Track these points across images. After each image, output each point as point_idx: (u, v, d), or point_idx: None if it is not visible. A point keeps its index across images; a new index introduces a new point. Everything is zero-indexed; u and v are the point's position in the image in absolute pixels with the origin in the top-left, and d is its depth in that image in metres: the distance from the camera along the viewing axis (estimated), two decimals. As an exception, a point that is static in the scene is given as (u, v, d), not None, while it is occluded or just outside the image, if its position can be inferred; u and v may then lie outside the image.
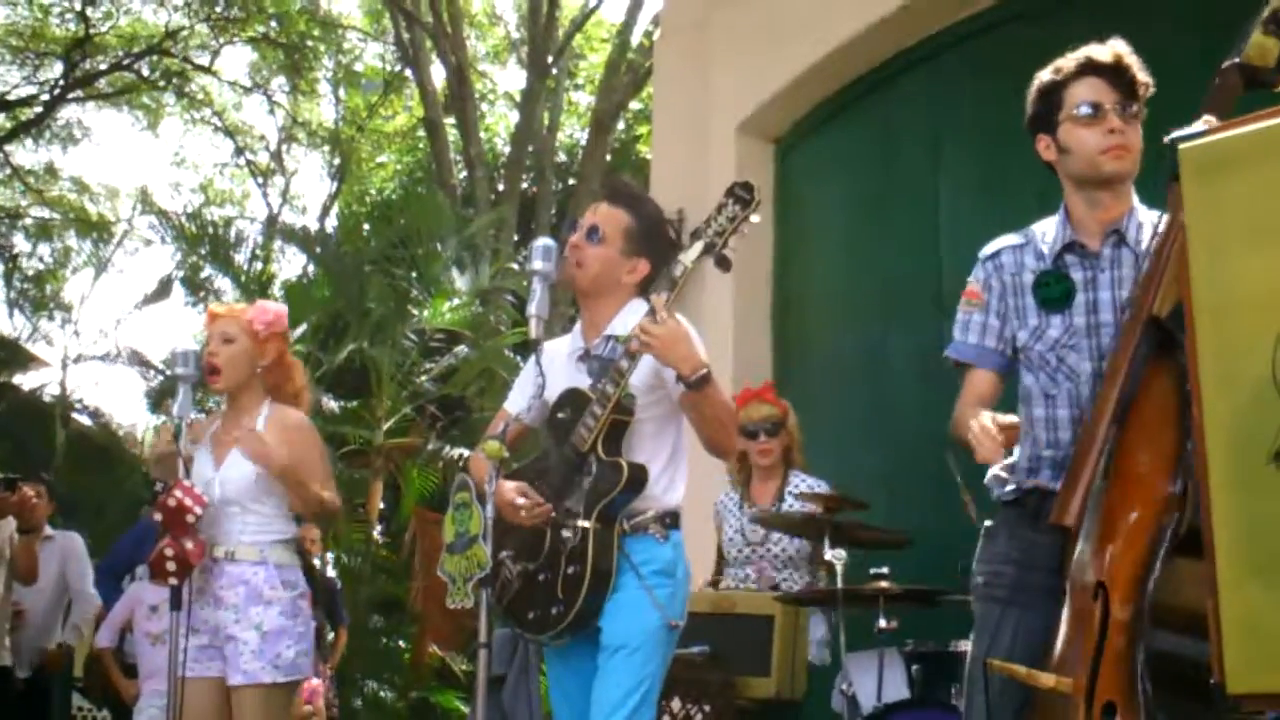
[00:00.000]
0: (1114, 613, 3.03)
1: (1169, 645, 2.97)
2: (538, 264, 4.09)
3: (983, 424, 3.34)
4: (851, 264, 8.02)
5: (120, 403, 40.70)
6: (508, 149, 22.35)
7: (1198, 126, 2.93)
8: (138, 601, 7.03)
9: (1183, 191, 2.85)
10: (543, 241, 4.15)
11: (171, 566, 4.74)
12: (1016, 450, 3.69)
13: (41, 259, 22.58)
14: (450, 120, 21.46)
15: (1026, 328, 3.59)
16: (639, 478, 4.03)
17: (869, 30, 7.70)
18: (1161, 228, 3.29)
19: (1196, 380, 2.79)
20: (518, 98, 22.58)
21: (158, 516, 4.79)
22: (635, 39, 20.46)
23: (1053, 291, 3.57)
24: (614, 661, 4.00)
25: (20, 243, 23.08)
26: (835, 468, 6.59)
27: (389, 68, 25.76)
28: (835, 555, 5.48)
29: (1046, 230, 3.65)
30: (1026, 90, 3.75)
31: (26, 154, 24.90)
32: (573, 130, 24.45)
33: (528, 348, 4.23)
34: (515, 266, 15.30)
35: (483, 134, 21.98)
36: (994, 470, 3.73)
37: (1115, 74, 3.56)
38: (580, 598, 3.98)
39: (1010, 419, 3.38)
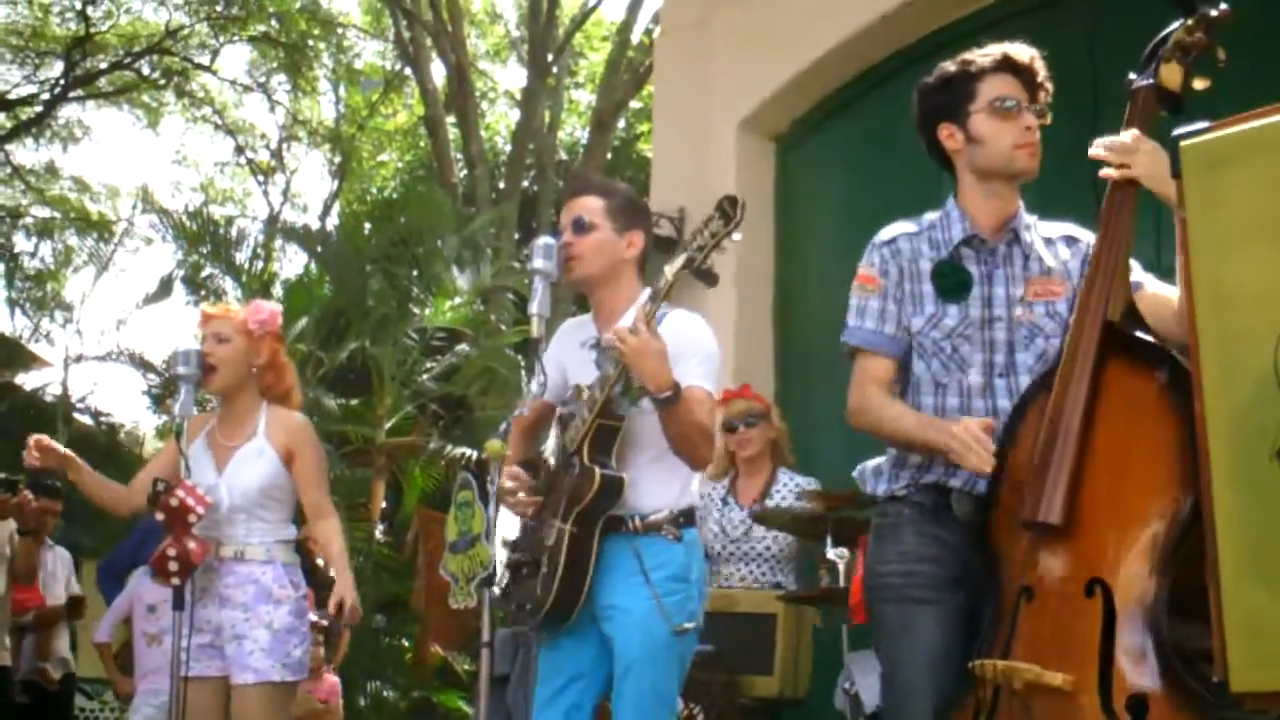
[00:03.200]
0: (1121, 608, 3.01)
1: (1192, 636, 2.94)
2: (539, 262, 4.10)
3: (970, 429, 3.29)
4: (852, 262, 7.98)
5: (122, 402, 40.71)
6: (508, 147, 22.35)
7: (1199, 124, 2.93)
8: (137, 599, 7.04)
9: (1184, 188, 2.86)
10: (544, 240, 4.16)
11: (174, 566, 4.75)
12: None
13: (42, 258, 22.61)
14: (451, 119, 21.45)
15: (922, 314, 3.57)
16: (611, 489, 4.01)
17: (869, 28, 7.70)
18: (1094, 237, 3.37)
19: (1198, 377, 2.79)
20: (518, 96, 22.58)
21: (159, 516, 4.79)
22: (635, 37, 20.44)
23: (950, 281, 3.57)
24: (628, 681, 4.02)
25: (21, 242, 23.11)
26: (836, 465, 6.58)
27: (389, 66, 25.74)
28: (837, 554, 5.48)
29: (936, 221, 3.66)
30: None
31: (27, 153, 24.94)
32: (573, 128, 24.46)
33: (529, 346, 4.23)
34: (516, 265, 15.27)
35: (483, 132, 21.98)
36: (871, 463, 3.71)
37: (1028, 76, 3.59)
38: (550, 598, 4.01)
39: (987, 421, 3.34)
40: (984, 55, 3.61)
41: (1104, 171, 3.32)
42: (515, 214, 19.38)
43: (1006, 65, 3.59)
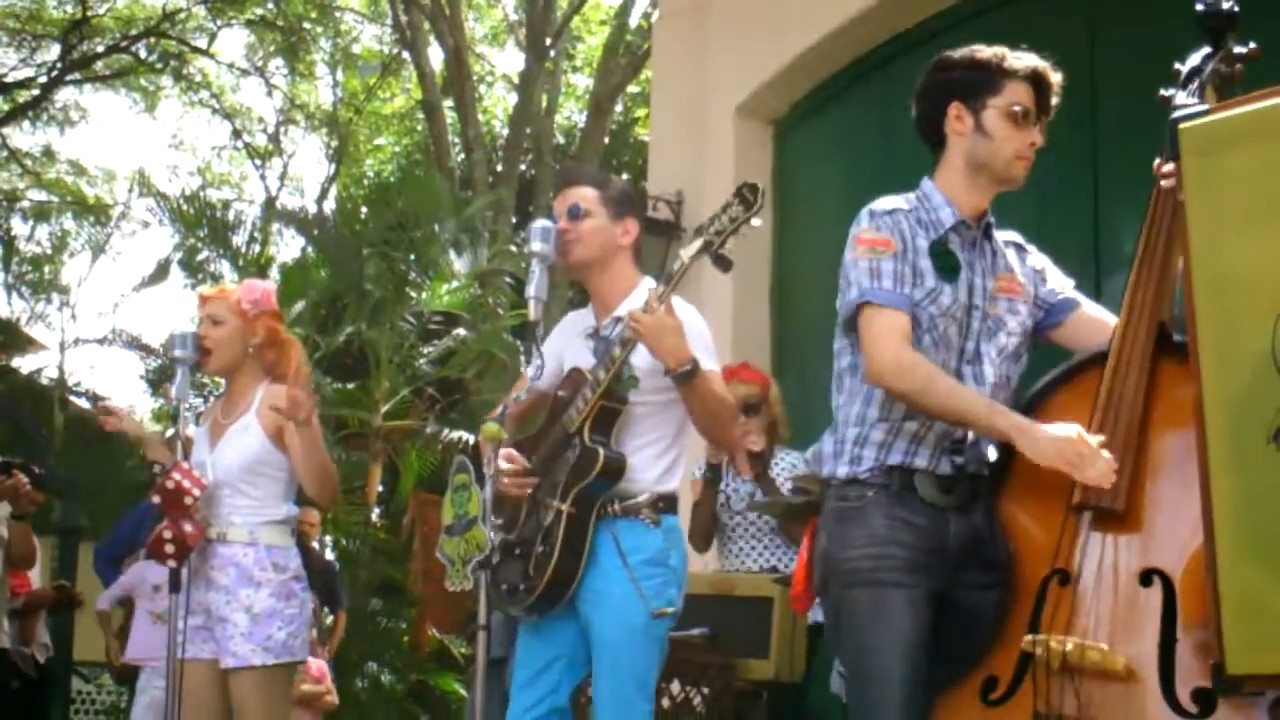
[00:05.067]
0: (1184, 602, 3.01)
1: None
2: (536, 246, 4.10)
3: (1087, 440, 3.20)
4: (850, 246, 8.01)
5: (118, 385, 40.60)
6: (506, 131, 22.31)
7: (1198, 107, 2.93)
8: (140, 580, 7.05)
9: (1183, 171, 2.86)
10: (541, 223, 4.16)
11: (170, 549, 4.74)
12: (849, 420, 3.65)
13: (39, 242, 22.57)
14: (448, 102, 21.41)
15: (923, 288, 3.52)
16: (615, 468, 4.04)
17: (867, 13, 7.69)
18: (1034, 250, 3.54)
19: (1196, 359, 2.79)
20: (516, 80, 22.53)
21: (156, 499, 4.79)
22: (634, 21, 20.42)
23: (947, 262, 3.56)
24: (604, 663, 4.05)
25: (18, 225, 23.05)
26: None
27: (387, 50, 25.70)
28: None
29: (917, 202, 3.63)
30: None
31: (24, 136, 24.88)
32: (571, 112, 24.42)
33: (527, 330, 4.25)
34: (513, 249, 15.26)
35: (481, 116, 21.93)
36: (825, 444, 3.69)
37: (1045, 95, 3.59)
38: (545, 579, 4.02)
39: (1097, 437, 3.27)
40: (1017, 58, 3.59)
41: None
42: (513, 198, 19.36)
43: (1034, 77, 3.58)
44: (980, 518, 3.48)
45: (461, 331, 15.23)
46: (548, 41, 21.12)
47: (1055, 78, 3.61)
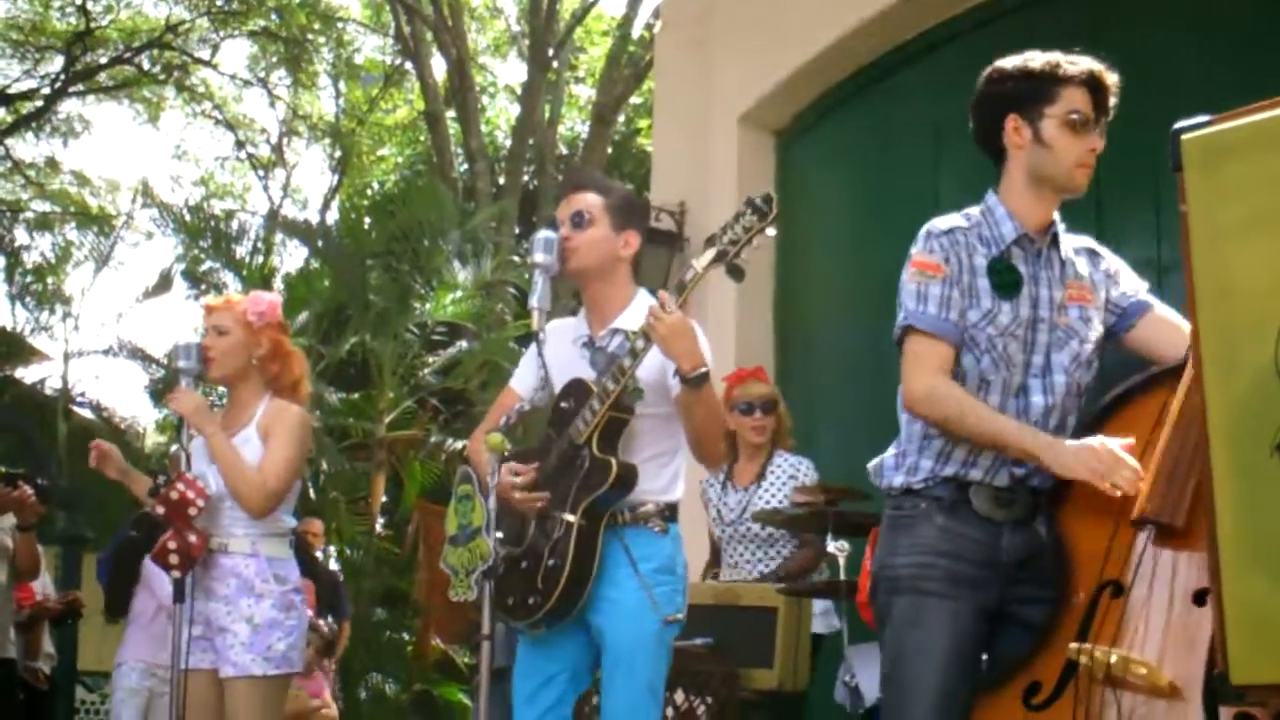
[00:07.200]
0: None
1: None
2: (539, 256, 4.11)
3: (1110, 448, 3.26)
4: (852, 256, 8.02)
5: (122, 396, 40.62)
6: (509, 142, 22.35)
7: (1200, 118, 2.93)
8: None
9: (1185, 182, 2.86)
10: (544, 234, 4.17)
11: (175, 559, 4.75)
12: (912, 434, 3.64)
13: (42, 252, 22.54)
14: (451, 113, 21.46)
15: (979, 309, 3.53)
16: (628, 478, 4.04)
17: (870, 23, 7.69)
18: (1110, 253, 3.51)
19: (1199, 370, 2.79)
20: (518, 91, 22.58)
21: (160, 509, 4.79)
22: (636, 32, 20.45)
23: (1006, 279, 3.54)
24: (618, 674, 4.04)
25: (21, 236, 23.03)
26: (836, 459, 6.60)
27: (389, 61, 25.73)
28: (838, 547, 5.49)
29: (981, 218, 3.62)
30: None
31: (27, 147, 24.92)
32: (574, 123, 24.46)
33: (530, 340, 4.24)
34: (517, 259, 15.31)
35: (483, 127, 21.98)
36: (888, 456, 3.69)
37: (1103, 99, 3.57)
38: (556, 593, 4.00)
39: (1129, 442, 3.29)
40: (1071, 63, 3.57)
41: None
42: (516, 208, 19.40)
43: (1091, 81, 3.55)
44: (1039, 531, 3.48)
45: (465, 342, 15.26)
46: (550, 52, 21.17)
47: (1112, 78, 3.57)
